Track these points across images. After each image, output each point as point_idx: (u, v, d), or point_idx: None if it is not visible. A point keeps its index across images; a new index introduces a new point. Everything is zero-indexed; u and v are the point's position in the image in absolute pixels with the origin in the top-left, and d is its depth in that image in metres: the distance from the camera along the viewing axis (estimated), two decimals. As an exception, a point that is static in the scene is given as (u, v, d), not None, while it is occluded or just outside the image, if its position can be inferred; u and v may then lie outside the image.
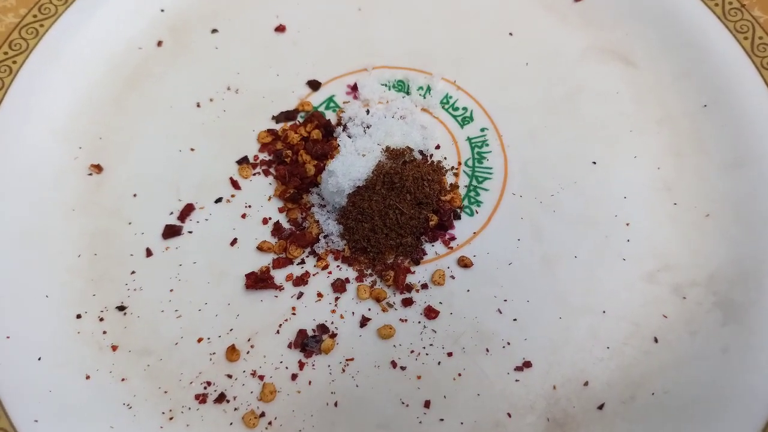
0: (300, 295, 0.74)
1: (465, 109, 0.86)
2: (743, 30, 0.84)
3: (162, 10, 0.92)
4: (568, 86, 0.87)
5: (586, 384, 0.69)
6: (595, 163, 0.81)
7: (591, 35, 0.90)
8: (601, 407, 0.68)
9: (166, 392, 0.69)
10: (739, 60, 0.82)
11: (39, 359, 0.69)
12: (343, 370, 0.70)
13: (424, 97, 0.87)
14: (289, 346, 0.71)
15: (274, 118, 0.85)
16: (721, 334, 0.70)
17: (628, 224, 0.77)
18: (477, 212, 0.79)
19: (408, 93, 0.87)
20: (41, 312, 0.72)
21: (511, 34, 0.91)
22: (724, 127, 0.81)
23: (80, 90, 0.86)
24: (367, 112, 0.84)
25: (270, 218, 0.78)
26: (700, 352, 0.70)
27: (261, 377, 0.70)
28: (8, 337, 0.70)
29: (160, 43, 0.91)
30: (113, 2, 0.90)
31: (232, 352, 0.70)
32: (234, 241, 0.77)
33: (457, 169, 0.82)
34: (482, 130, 0.85)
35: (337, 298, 0.74)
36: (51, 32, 0.86)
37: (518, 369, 0.70)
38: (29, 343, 0.70)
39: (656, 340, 0.71)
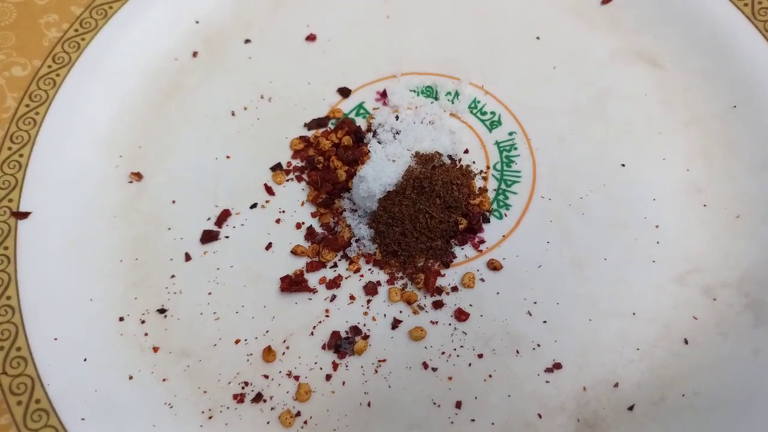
0: (333, 297, 0.76)
1: (493, 113, 0.87)
2: (773, 30, 0.84)
3: (197, 22, 0.95)
4: (595, 89, 0.88)
5: (616, 385, 0.70)
6: (623, 165, 0.82)
7: (618, 38, 0.91)
8: (631, 408, 0.68)
9: (205, 392, 0.71)
10: (769, 60, 0.82)
11: (85, 360, 0.72)
12: (376, 371, 0.72)
13: (453, 102, 0.88)
14: (323, 348, 0.73)
15: (306, 125, 0.87)
16: (752, 335, 0.70)
17: (657, 226, 0.77)
18: (506, 215, 0.80)
19: (436, 98, 0.89)
20: (86, 315, 0.75)
21: (538, 38, 0.92)
22: (753, 128, 0.81)
23: (120, 101, 0.89)
24: (397, 118, 0.86)
25: (303, 223, 0.80)
26: (731, 353, 0.70)
27: (296, 378, 0.72)
28: (56, 339, 0.73)
29: (195, 54, 0.93)
30: (150, 15, 0.93)
31: (268, 353, 0.73)
32: (269, 246, 0.79)
33: (485, 172, 0.83)
34: (510, 133, 0.86)
35: (369, 301, 0.75)
36: (92, 46, 0.89)
37: (548, 370, 0.71)
38: (75, 344, 0.73)
39: (686, 342, 0.71)
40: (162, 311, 0.76)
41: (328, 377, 0.72)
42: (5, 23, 0.90)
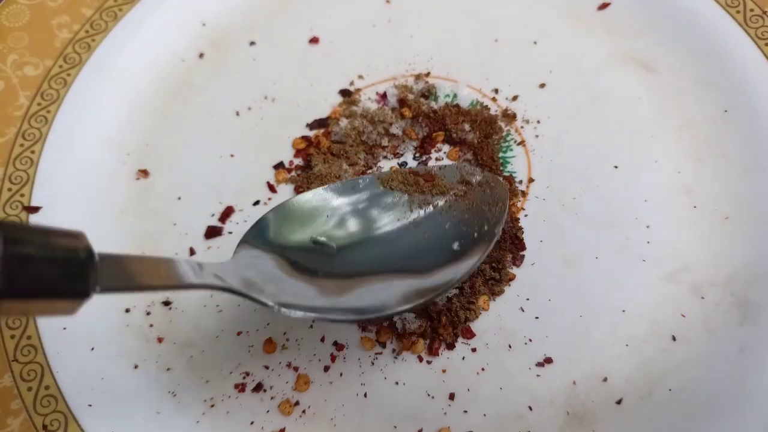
0: (332, 292, 0.78)
1: (490, 115, 0.90)
2: (764, 36, 0.86)
3: (204, 25, 0.98)
4: (591, 93, 0.89)
5: (605, 380, 0.71)
6: (616, 167, 0.83)
7: (613, 43, 0.93)
8: (619, 402, 0.70)
9: (207, 381, 0.74)
10: (760, 66, 0.84)
11: (92, 349, 0.75)
12: (372, 363, 0.74)
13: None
14: (322, 340, 0.75)
15: (308, 125, 0.90)
16: (738, 333, 0.72)
17: (648, 226, 0.79)
18: (501, 215, 0.82)
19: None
20: (93, 306, 0.76)
21: (535, 42, 0.94)
22: (743, 133, 0.82)
23: (128, 100, 0.91)
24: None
25: (304, 220, 0.83)
26: (717, 350, 0.71)
27: (296, 368, 0.74)
28: (64, 329, 0.75)
29: (201, 56, 0.96)
30: (158, 17, 0.96)
31: (269, 345, 0.75)
32: (270, 241, 0.81)
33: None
34: (506, 135, 0.88)
35: (367, 296, 0.78)
36: (101, 46, 0.92)
37: (539, 365, 0.73)
38: (83, 334, 0.75)
39: (674, 339, 0.73)
40: (167, 303, 0.78)
41: (326, 368, 0.74)
42: (18, 24, 0.93)
